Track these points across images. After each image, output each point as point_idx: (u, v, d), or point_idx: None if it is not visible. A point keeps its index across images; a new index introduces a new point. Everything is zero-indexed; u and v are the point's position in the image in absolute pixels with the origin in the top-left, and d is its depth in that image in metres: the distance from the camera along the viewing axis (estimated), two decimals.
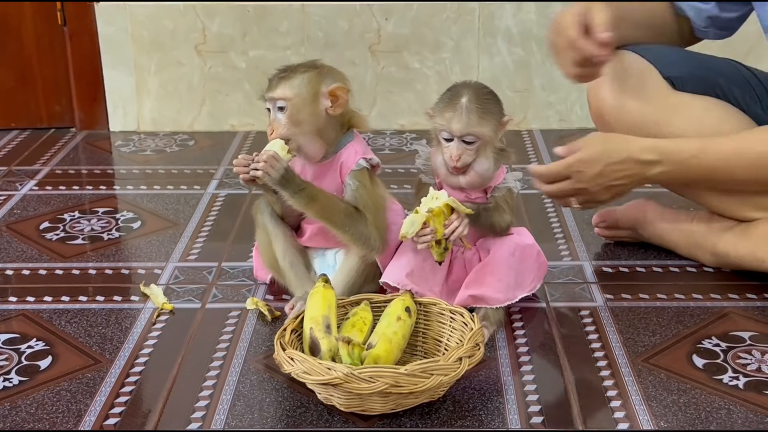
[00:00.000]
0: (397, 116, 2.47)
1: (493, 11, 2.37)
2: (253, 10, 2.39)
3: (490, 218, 1.45)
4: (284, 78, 1.45)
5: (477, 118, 1.40)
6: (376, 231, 1.46)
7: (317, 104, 1.45)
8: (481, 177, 1.44)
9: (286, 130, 1.44)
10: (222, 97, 2.46)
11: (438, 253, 1.42)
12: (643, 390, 1.31)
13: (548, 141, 2.36)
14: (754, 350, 1.40)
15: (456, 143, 1.41)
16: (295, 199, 1.43)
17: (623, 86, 1.63)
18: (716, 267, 1.65)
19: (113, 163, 2.30)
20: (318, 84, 1.45)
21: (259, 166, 1.40)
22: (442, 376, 1.21)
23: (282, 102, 1.44)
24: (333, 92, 1.45)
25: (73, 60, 2.45)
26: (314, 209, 1.45)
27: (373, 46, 2.41)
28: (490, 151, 1.43)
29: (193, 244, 1.80)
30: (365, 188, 1.47)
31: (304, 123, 1.44)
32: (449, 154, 1.42)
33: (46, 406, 1.29)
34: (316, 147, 1.47)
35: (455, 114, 1.40)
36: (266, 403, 1.29)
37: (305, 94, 1.44)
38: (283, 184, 1.42)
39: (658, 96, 1.62)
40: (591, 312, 1.53)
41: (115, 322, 1.52)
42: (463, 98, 1.41)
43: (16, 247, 1.80)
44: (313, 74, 1.45)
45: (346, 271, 1.51)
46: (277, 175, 1.40)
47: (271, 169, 1.40)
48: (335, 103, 1.45)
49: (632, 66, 1.64)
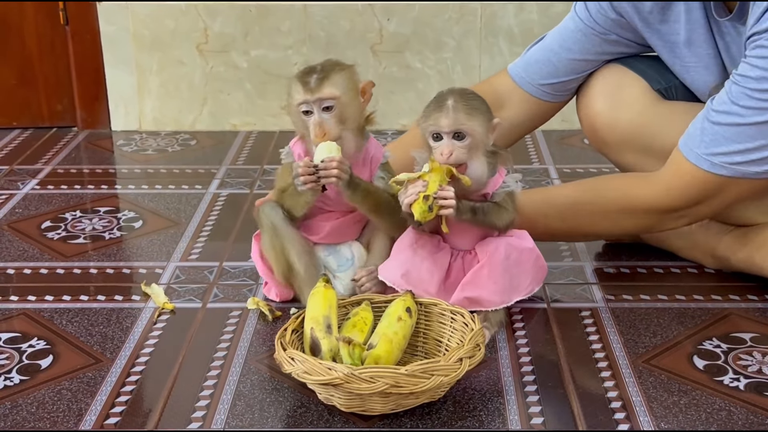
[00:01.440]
0: (398, 116, 2.47)
1: (495, 11, 2.37)
2: (254, 9, 2.39)
3: (487, 217, 1.45)
4: (325, 78, 1.44)
5: (465, 114, 1.40)
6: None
7: (359, 100, 1.48)
8: (477, 179, 1.44)
9: (338, 129, 1.45)
10: (223, 97, 2.46)
11: (420, 211, 1.36)
12: (644, 391, 1.31)
13: (550, 141, 2.36)
14: (755, 351, 1.40)
15: (446, 141, 1.41)
16: (356, 195, 1.45)
17: (614, 99, 1.64)
18: (717, 269, 1.65)
19: (115, 162, 2.30)
20: (356, 79, 1.48)
21: (333, 173, 1.41)
22: (443, 377, 1.21)
23: (330, 101, 1.44)
24: (364, 87, 1.49)
25: (75, 59, 2.45)
26: (370, 202, 1.47)
27: (375, 45, 2.41)
28: (483, 155, 1.43)
29: (194, 243, 1.81)
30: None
31: (349, 120, 1.46)
32: (440, 152, 1.41)
33: (46, 405, 1.29)
34: (354, 143, 1.49)
35: (442, 113, 1.40)
36: (267, 403, 1.29)
37: (351, 91, 1.46)
38: (349, 184, 1.43)
39: (649, 107, 1.62)
40: (592, 312, 1.53)
41: (116, 321, 1.52)
42: (449, 100, 1.41)
43: (18, 246, 1.80)
44: (348, 71, 1.48)
45: (377, 251, 1.54)
46: (347, 176, 1.42)
47: (342, 172, 1.41)
48: (365, 98, 1.50)
49: (622, 79, 1.64)
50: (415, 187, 1.38)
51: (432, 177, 1.38)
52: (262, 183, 2.12)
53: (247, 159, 2.28)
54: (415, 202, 1.37)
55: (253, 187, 2.10)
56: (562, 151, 2.29)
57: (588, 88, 1.68)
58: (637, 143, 1.63)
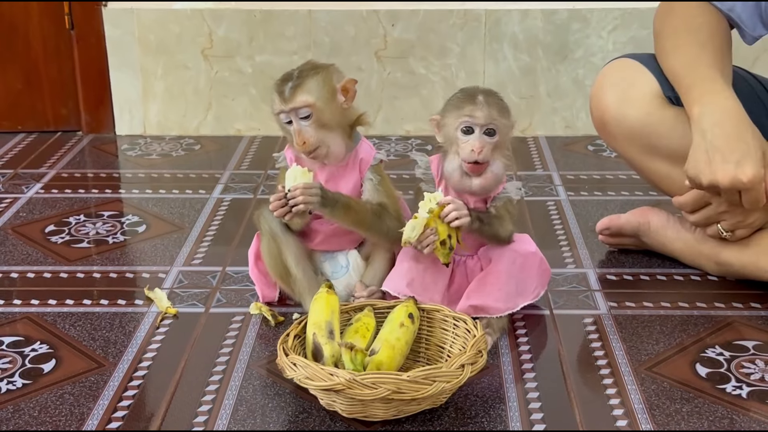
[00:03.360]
0: (402, 122, 2.47)
1: (499, 17, 2.37)
2: (259, 15, 2.39)
3: (491, 226, 1.45)
4: (298, 86, 1.44)
5: (498, 110, 1.41)
6: (398, 222, 1.50)
7: (336, 101, 1.47)
8: (495, 179, 1.44)
9: (317, 137, 1.45)
10: (228, 102, 2.47)
11: (443, 255, 1.41)
12: (646, 398, 1.30)
13: (554, 147, 2.36)
14: (758, 359, 1.40)
15: (477, 135, 1.40)
16: (334, 213, 1.45)
17: (625, 94, 1.64)
18: (720, 276, 1.65)
19: (119, 166, 2.30)
20: (331, 81, 1.47)
21: (299, 200, 1.41)
22: (445, 383, 1.21)
23: (306, 110, 1.44)
24: (344, 86, 1.48)
25: (80, 63, 2.45)
26: (351, 218, 1.47)
27: (379, 51, 2.41)
28: (504, 153, 1.43)
29: (197, 248, 1.81)
30: (385, 180, 1.52)
31: (329, 124, 1.46)
32: (471, 147, 1.40)
33: (49, 409, 1.30)
34: (341, 146, 1.49)
35: (476, 106, 1.40)
36: (269, 408, 1.29)
37: (325, 95, 1.45)
38: (323, 204, 1.43)
39: (657, 108, 1.62)
40: (594, 320, 1.53)
41: (119, 325, 1.52)
42: (479, 95, 1.42)
43: (22, 250, 1.81)
44: (323, 74, 1.47)
45: (378, 265, 1.54)
46: (317, 200, 1.42)
47: (309, 197, 1.41)
48: (347, 97, 1.48)
49: (636, 75, 1.64)
50: (429, 238, 1.40)
51: (437, 222, 1.40)
52: (266, 188, 2.12)
53: (251, 164, 2.28)
54: (435, 250, 1.40)
55: (256, 192, 2.10)
56: (565, 157, 2.29)
57: (602, 79, 1.69)
58: (644, 141, 1.64)
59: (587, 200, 2.02)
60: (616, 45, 2.35)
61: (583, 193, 2.06)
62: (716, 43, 1.58)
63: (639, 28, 2.34)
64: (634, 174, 1.92)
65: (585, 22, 2.36)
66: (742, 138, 1.45)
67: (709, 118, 1.48)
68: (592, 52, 2.37)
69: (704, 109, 1.49)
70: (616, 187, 2.09)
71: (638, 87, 1.64)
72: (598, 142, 2.36)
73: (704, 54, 1.56)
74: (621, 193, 2.05)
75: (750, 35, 1.65)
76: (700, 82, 1.52)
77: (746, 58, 2.12)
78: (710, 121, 1.48)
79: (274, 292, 1.58)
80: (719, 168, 1.45)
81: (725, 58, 1.59)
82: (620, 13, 2.35)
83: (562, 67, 2.39)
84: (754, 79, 1.71)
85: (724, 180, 1.45)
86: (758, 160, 1.45)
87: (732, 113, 1.48)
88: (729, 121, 1.47)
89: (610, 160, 2.25)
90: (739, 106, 1.49)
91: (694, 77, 1.53)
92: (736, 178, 1.44)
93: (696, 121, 1.50)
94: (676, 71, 1.57)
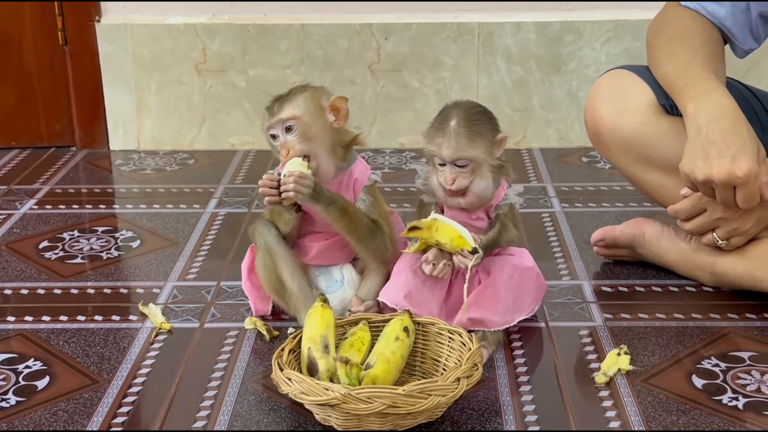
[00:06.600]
0: (396, 135, 2.47)
1: (492, 30, 2.37)
2: (253, 29, 2.40)
3: (497, 241, 1.46)
4: (286, 100, 1.47)
5: (467, 142, 1.40)
6: (390, 243, 1.50)
7: (324, 118, 1.48)
8: (480, 197, 1.44)
9: (302, 146, 1.45)
10: (222, 116, 2.47)
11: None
12: (643, 410, 1.30)
13: (548, 159, 2.36)
14: (754, 370, 1.40)
15: (449, 167, 1.41)
16: (328, 211, 1.45)
17: (620, 105, 1.64)
18: (715, 286, 1.65)
19: (113, 181, 2.30)
20: (319, 98, 1.49)
21: (289, 186, 1.41)
22: (440, 397, 1.20)
23: (291, 122, 1.45)
24: (334, 105, 1.49)
25: (74, 79, 2.45)
26: (345, 221, 1.47)
27: (373, 65, 2.42)
28: (487, 171, 1.43)
29: (192, 263, 1.80)
30: (378, 201, 1.52)
31: (315, 138, 1.46)
32: (443, 178, 1.42)
33: (43, 426, 1.29)
34: (331, 164, 1.49)
35: (444, 139, 1.40)
36: (264, 424, 1.29)
37: (312, 109, 1.47)
38: (315, 199, 1.43)
39: (652, 118, 1.62)
40: (590, 331, 1.52)
41: (113, 341, 1.52)
42: (451, 122, 1.41)
43: (15, 266, 1.80)
44: (311, 91, 1.49)
45: (373, 279, 1.54)
46: (308, 192, 1.42)
47: (301, 187, 1.41)
48: (338, 116, 1.49)
49: (630, 86, 1.65)
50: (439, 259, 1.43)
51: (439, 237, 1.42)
52: (260, 202, 2.12)
53: (245, 178, 2.28)
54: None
55: (251, 207, 2.10)
56: (559, 169, 2.29)
57: (597, 90, 1.69)
58: (638, 152, 1.64)
59: (582, 212, 2.02)
60: (609, 57, 2.36)
61: (578, 204, 2.06)
62: (709, 49, 1.59)
63: (632, 40, 2.34)
64: (629, 185, 1.92)
65: (578, 34, 2.36)
66: (738, 133, 1.45)
67: (705, 114, 1.48)
68: (586, 64, 2.38)
69: (700, 105, 1.49)
70: (611, 198, 2.09)
71: (632, 97, 1.65)
72: (593, 153, 2.36)
73: (697, 58, 1.56)
74: (615, 205, 2.05)
75: (741, 48, 1.66)
76: (695, 82, 1.53)
77: (738, 71, 2.12)
78: (706, 117, 1.48)
79: (267, 306, 1.57)
80: (715, 162, 1.45)
81: (718, 63, 1.59)
82: (613, 25, 2.35)
83: (556, 79, 2.40)
84: (747, 90, 1.71)
85: (720, 174, 1.45)
86: (754, 155, 1.45)
87: (727, 109, 1.48)
88: (725, 116, 1.47)
89: (605, 172, 2.26)
90: (734, 103, 1.49)
91: (688, 79, 1.54)
92: (731, 173, 1.44)
93: (691, 118, 1.49)
94: (669, 76, 1.58)
